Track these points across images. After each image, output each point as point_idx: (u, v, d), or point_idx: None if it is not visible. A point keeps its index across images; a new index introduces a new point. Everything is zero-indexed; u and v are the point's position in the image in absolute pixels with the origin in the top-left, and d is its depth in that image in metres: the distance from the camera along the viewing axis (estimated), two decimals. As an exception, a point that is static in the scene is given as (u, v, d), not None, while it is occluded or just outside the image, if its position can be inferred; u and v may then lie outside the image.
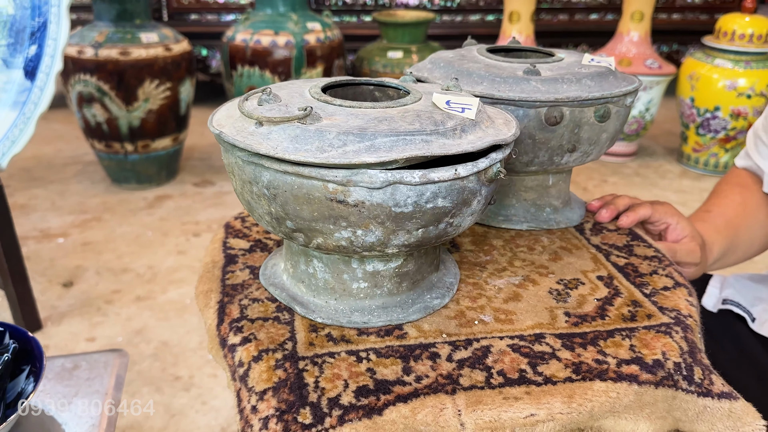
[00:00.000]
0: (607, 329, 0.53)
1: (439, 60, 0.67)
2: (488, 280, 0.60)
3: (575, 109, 0.60)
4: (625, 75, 0.66)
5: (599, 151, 0.66)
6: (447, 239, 0.51)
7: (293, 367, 0.48)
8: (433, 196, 0.45)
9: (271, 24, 2.23)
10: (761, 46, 2.28)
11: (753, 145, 0.80)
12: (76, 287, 1.64)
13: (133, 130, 2.07)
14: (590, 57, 0.67)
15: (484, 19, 3.14)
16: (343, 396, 0.45)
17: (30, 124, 1.36)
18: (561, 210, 0.72)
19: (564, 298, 0.57)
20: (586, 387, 0.46)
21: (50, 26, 1.36)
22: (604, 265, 0.63)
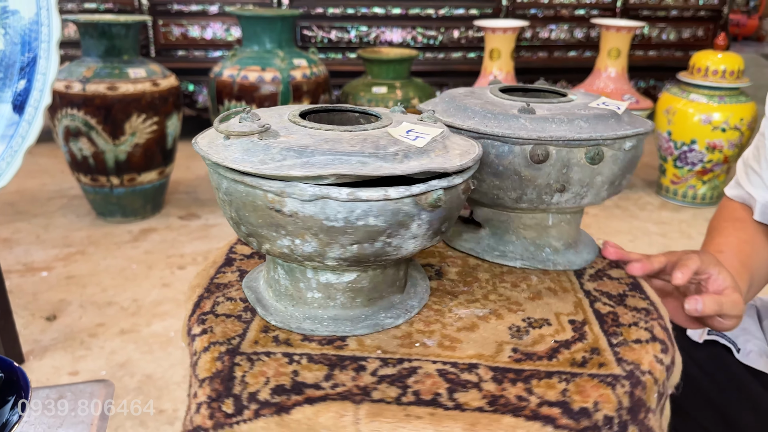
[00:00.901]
0: (547, 370, 0.51)
1: (447, 95, 0.69)
2: (453, 309, 0.59)
3: (562, 149, 0.60)
4: (636, 119, 0.65)
5: (597, 194, 0.64)
6: (390, 259, 0.52)
7: (230, 361, 0.51)
8: (364, 214, 0.47)
9: (258, 60, 2.27)
10: (734, 82, 2.36)
11: (744, 174, 0.82)
12: (59, 321, 1.63)
13: (120, 163, 2.09)
14: (603, 99, 0.66)
15: (465, 56, 3.22)
16: (261, 392, 0.48)
17: (17, 157, 1.37)
18: (563, 251, 0.69)
19: (520, 335, 0.56)
20: (494, 419, 0.45)
21: (40, 61, 1.38)
22: (584, 311, 0.60)
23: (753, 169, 0.80)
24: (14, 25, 1.38)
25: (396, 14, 3.11)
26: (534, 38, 3.27)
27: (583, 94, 0.71)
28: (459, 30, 3.17)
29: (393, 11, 3.10)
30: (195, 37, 3.01)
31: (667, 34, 3.41)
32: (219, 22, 3.00)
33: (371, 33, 3.12)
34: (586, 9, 3.26)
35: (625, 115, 0.64)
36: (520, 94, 0.74)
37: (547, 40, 3.28)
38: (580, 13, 3.26)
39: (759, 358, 0.78)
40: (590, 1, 3.26)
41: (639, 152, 0.65)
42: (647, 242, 2.18)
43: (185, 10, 2.96)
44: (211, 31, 3.01)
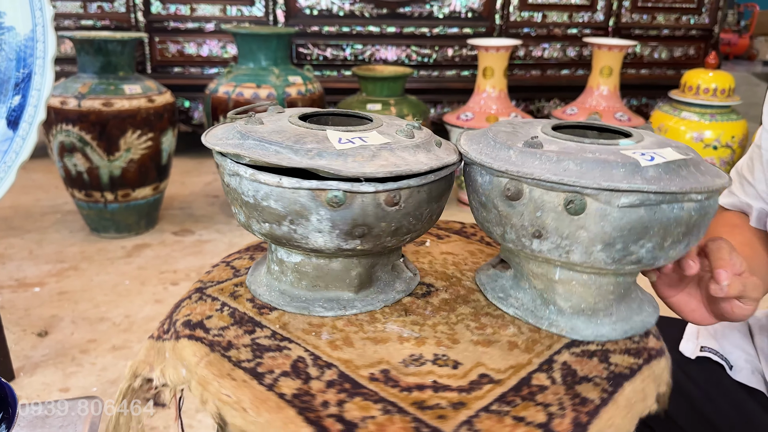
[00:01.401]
0: (382, 396, 0.50)
1: (499, 125, 0.65)
2: (387, 322, 0.61)
3: (535, 189, 0.54)
4: (685, 175, 0.53)
5: (587, 253, 0.55)
6: (299, 247, 0.58)
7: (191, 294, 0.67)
8: (266, 196, 0.55)
9: (254, 77, 2.28)
10: (725, 100, 2.38)
11: (738, 184, 0.82)
12: (51, 337, 1.62)
13: (114, 179, 2.09)
14: (670, 149, 0.55)
15: (459, 74, 3.24)
16: (178, 321, 0.62)
17: (11, 173, 1.37)
18: (569, 315, 0.60)
19: (410, 364, 0.55)
20: (289, 416, 0.49)
21: (35, 77, 1.39)
22: (515, 373, 0.54)
23: (747, 180, 0.81)
24: (9, 41, 1.39)
25: (391, 33, 3.14)
26: (527, 56, 3.30)
27: (651, 135, 0.61)
28: (453, 48, 3.20)
29: (388, 30, 3.13)
30: (191, 54, 3.02)
31: (658, 52, 3.45)
32: (215, 39, 3.02)
33: (366, 51, 3.15)
34: (579, 28, 3.30)
35: (665, 168, 0.52)
36: (572, 130, 0.67)
37: (540, 59, 3.31)
38: (572, 32, 3.30)
39: (751, 375, 0.78)
40: (583, 20, 3.30)
41: (660, 216, 0.52)
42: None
43: (182, 27, 2.98)
44: (207, 48, 3.03)
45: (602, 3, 3.28)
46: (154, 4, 2.94)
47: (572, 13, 3.28)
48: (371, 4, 3.09)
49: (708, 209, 0.55)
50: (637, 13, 3.35)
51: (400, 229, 0.58)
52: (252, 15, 3.00)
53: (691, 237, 0.56)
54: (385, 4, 3.10)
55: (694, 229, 0.55)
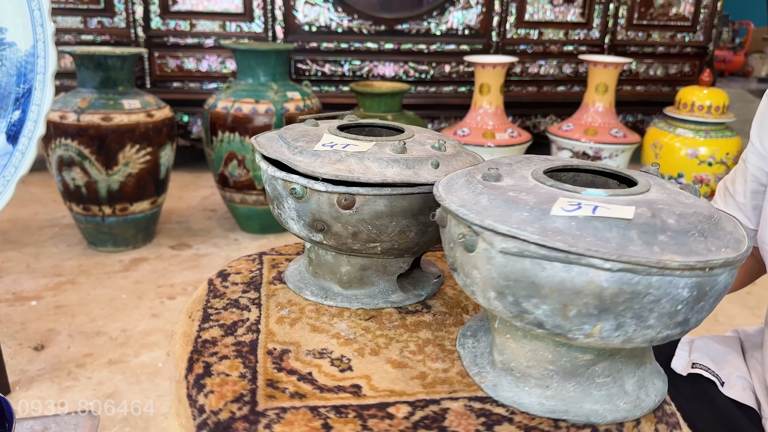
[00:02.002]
0: None
1: (505, 159, 0.61)
2: (345, 320, 0.67)
3: (451, 218, 0.53)
4: (609, 238, 0.43)
5: (483, 296, 0.50)
6: (287, 230, 0.68)
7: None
8: (264, 180, 0.67)
9: (252, 93, 2.30)
10: (719, 117, 2.40)
11: (721, 195, 0.84)
12: (47, 351, 1.62)
13: (112, 193, 2.10)
14: (635, 208, 0.46)
15: (456, 90, 3.27)
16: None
17: (10, 186, 1.38)
18: (500, 371, 0.55)
19: (311, 353, 0.61)
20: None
21: (35, 92, 1.40)
22: (399, 405, 0.53)
23: (729, 191, 0.83)
24: (11, 57, 1.40)
25: (388, 49, 3.16)
26: (524, 73, 3.33)
27: (661, 187, 0.53)
28: (450, 65, 3.22)
29: (386, 46, 3.15)
30: (190, 69, 3.05)
31: (654, 69, 3.48)
32: (214, 55, 3.04)
33: (364, 67, 3.17)
34: (575, 45, 3.33)
35: (582, 223, 0.44)
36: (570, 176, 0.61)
37: (536, 75, 3.34)
38: (568, 49, 3.33)
39: (743, 392, 0.79)
40: (578, 37, 3.33)
41: (551, 275, 0.44)
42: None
43: (181, 42, 3.01)
44: (206, 64, 3.05)
45: (598, 21, 3.32)
46: (154, 19, 2.96)
47: (568, 30, 3.31)
48: (369, 20, 3.12)
49: (643, 289, 0.43)
50: (633, 31, 3.39)
51: (360, 235, 0.62)
52: (251, 31, 3.03)
53: (628, 318, 0.45)
54: (383, 21, 3.13)
55: (622, 308, 0.44)
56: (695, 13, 3.42)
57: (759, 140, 0.79)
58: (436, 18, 3.17)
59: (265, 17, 3.02)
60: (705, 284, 0.44)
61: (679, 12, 3.40)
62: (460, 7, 3.17)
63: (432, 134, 0.72)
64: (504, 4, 3.19)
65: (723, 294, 0.47)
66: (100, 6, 2.92)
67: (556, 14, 3.27)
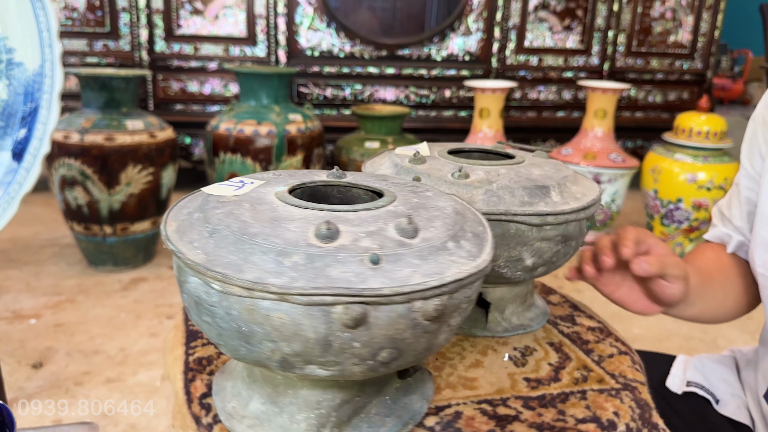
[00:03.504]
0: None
1: None
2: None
3: None
4: None
5: None
6: None
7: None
8: None
9: (255, 115, 2.33)
10: (717, 143, 2.42)
11: (719, 220, 0.85)
12: (45, 368, 1.61)
13: (114, 213, 2.11)
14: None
15: (456, 114, 3.30)
16: None
17: (13, 203, 1.39)
18: None
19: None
20: None
21: (41, 111, 1.42)
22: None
23: (725, 215, 0.84)
24: (18, 77, 1.43)
25: (390, 74, 3.20)
26: (523, 99, 3.36)
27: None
28: (450, 90, 3.26)
29: (387, 71, 3.19)
30: (193, 92, 3.08)
31: (653, 96, 3.52)
32: (217, 78, 3.08)
33: (365, 91, 3.21)
34: (574, 72, 3.37)
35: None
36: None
37: (536, 101, 3.38)
38: (568, 75, 3.37)
39: (738, 410, 0.79)
40: (578, 64, 3.37)
41: None
42: (636, 298, 2.19)
43: (185, 66, 3.05)
44: (209, 87, 3.08)
45: (597, 47, 3.36)
46: (158, 43, 3.01)
47: (567, 57, 3.35)
48: (371, 46, 3.17)
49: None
50: (632, 58, 3.43)
51: None
52: (254, 55, 3.07)
53: None
54: (384, 47, 3.17)
55: None
56: (693, 41, 3.47)
57: (749, 163, 0.80)
58: (437, 44, 3.22)
59: (268, 42, 3.07)
60: None
61: (677, 40, 3.45)
62: (460, 33, 3.22)
63: (542, 160, 0.68)
64: (504, 31, 3.24)
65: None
66: (106, 29, 2.96)
67: (555, 41, 3.31)
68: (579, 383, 0.58)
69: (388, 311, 0.39)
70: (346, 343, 0.39)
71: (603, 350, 0.65)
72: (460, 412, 0.54)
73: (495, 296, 0.66)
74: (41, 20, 1.43)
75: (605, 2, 3.30)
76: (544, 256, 0.60)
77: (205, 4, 2.98)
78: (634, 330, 1.97)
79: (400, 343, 0.41)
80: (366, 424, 0.48)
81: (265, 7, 3.02)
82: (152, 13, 2.96)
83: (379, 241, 0.41)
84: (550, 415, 0.53)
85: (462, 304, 0.43)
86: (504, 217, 0.57)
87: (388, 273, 0.39)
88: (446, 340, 0.45)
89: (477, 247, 0.45)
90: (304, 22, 3.08)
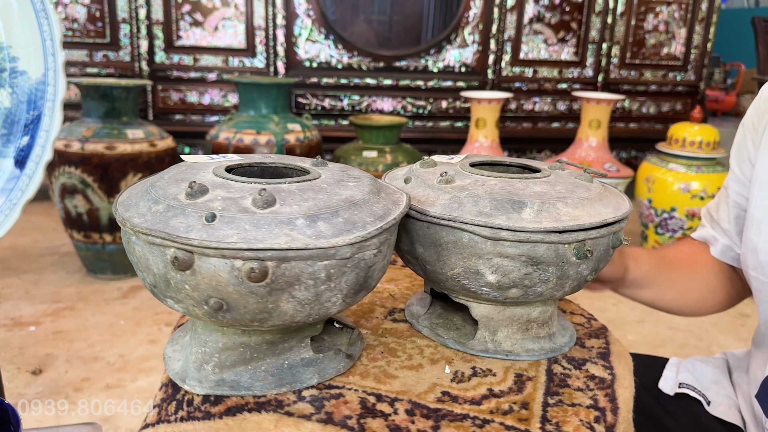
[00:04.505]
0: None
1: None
2: None
3: None
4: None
5: None
6: None
7: None
8: None
9: (254, 124, 2.35)
10: (710, 152, 2.46)
11: (709, 221, 0.87)
12: (45, 375, 1.62)
13: (114, 221, 2.12)
14: None
15: (453, 125, 3.33)
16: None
17: (15, 210, 1.40)
18: None
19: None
20: None
21: (44, 119, 1.43)
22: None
23: (713, 218, 0.86)
24: (21, 85, 1.45)
25: (387, 85, 3.24)
26: (519, 110, 3.40)
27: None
28: (447, 101, 3.30)
29: (384, 82, 3.23)
30: (193, 103, 3.11)
31: (647, 107, 3.56)
32: (217, 88, 3.11)
33: (363, 102, 3.24)
34: (569, 83, 3.41)
35: None
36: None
37: (531, 112, 3.41)
38: (562, 87, 3.41)
39: (729, 411, 0.80)
40: (572, 75, 3.41)
41: None
42: (631, 305, 2.21)
43: (184, 76, 3.07)
44: (208, 97, 3.11)
45: (591, 59, 3.41)
46: (158, 53, 3.04)
47: (562, 69, 3.40)
48: (368, 57, 3.20)
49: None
50: (625, 70, 3.48)
51: None
52: (253, 66, 3.11)
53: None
54: (381, 58, 3.21)
55: None
56: (686, 53, 3.52)
57: (738, 167, 0.81)
58: (434, 56, 3.26)
59: (267, 53, 3.10)
60: None
61: (670, 52, 3.50)
62: (456, 45, 3.26)
63: (565, 173, 0.65)
64: (499, 43, 3.28)
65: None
66: (106, 40, 2.99)
67: (550, 53, 3.36)
68: (495, 414, 0.52)
69: (209, 263, 0.45)
70: (179, 283, 0.46)
71: (573, 398, 0.56)
72: (342, 395, 0.53)
73: (480, 313, 0.61)
74: (44, 29, 1.44)
75: (599, 15, 3.35)
76: (511, 276, 0.55)
77: (204, 15, 3.01)
78: (629, 337, 1.99)
79: (226, 296, 0.46)
80: (248, 375, 0.54)
81: (264, 18, 3.06)
82: (152, 24, 2.99)
83: (227, 205, 0.47)
84: (421, 425, 0.50)
85: (304, 278, 0.47)
86: (452, 224, 0.55)
87: (213, 230, 0.45)
88: (297, 312, 0.49)
89: (335, 232, 0.47)
90: (302, 33, 3.12)
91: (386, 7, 3.78)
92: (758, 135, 0.77)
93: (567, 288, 0.58)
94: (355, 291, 0.52)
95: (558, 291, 0.57)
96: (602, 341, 0.67)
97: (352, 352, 0.60)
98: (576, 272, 0.56)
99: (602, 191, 0.60)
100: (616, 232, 0.58)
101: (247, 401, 0.53)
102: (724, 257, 0.84)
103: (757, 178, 0.76)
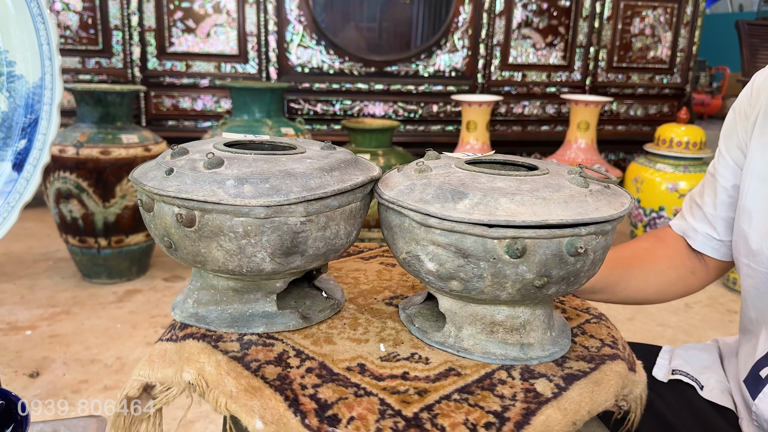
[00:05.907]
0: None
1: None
2: None
3: None
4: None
5: None
6: None
7: None
8: None
9: (247, 128, 2.37)
10: (696, 153, 2.50)
11: (688, 208, 0.88)
12: (42, 377, 1.63)
13: (108, 225, 2.14)
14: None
15: (444, 128, 3.37)
16: None
17: (13, 213, 1.41)
18: None
19: None
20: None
21: (41, 122, 1.45)
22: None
23: (697, 203, 0.87)
24: (19, 89, 1.46)
25: (378, 90, 3.27)
26: (508, 113, 3.44)
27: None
28: (438, 105, 3.33)
29: (376, 87, 3.26)
30: (186, 108, 3.13)
31: (634, 110, 3.61)
32: (209, 94, 3.13)
33: (355, 106, 3.27)
34: (557, 87, 3.46)
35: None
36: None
37: (520, 115, 3.46)
38: (551, 90, 3.45)
39: (721, 395, 0.82)
40: (561, 79, 3.46)
41: None
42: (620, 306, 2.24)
43: (177, 82, 3.09)
44: (201, 103, 3.13)
45: (579, 63, 3.46)
46: (150, 60, 3.05)
47: (550, 72, 3.44)
48: (360, 63, 3.23)
49: None
50: (613, 73, 3.53)
51: None
52: (246, 72, 3.13)
53: None
54: (373, 63, 3.24)
55: None
56: (672, 57, 3.57)
57: (727, 152, 0.82)
58: (424, 60, 3.29)
59: (259, 59, 3.13)
60: None
61: (656, 55, 3.55)
62: (446, 50, 3.30)
63: (560, 169, 0.63)
64: (489, 48, 3.32)
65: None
66: (99, 47, 3.01)
67: (538, 57, 3.40)
68: (384, 391, 0.52)
69: (160, 207, 0.56)
70: (149, 222, 0.59)
71: (481, 399, 0.52)
72: (272, 345, 0.59)
73: (444, 306, 0.60)
74: (41, 34, 1.46)
75: (586, 19, 3.41)
76: (447, 266, 0.54)
77: (197, 22, 3.04)
78: (620, 334, 2.01)
79: (171, 236, 0.57)
80: (216, 314, 0.63)
81: (256, 25, 3.08)
82: (144, 31, 3.01)
83: (185, 163, 0.57)
84: (308, 381, 0.53)
85: (225, 230, 0.54)
86: (394, 207, 0.56)
87: (165, 181, 0.55)
88: (228, 260, 0.56)
89: (255, 194, 0.53)
90: (294, 39, 3.14)
91: (375, 14, 3.82)
92: (750, 124, 0.78)
93: (510, 289, 0.54)
94: (284, 252, 0.57)
95: (500, 291, 0.54)
96: (591, 365, 0.59)
97: (310, 315, 0.64)
98: (515, 273, 0.52)
99: (583, 196, 0.54)
100: (569, 238, 0.52)
101: (201, 332, 0.61)
102: (704, 248, 0.86)
103: (748, 168, 0.77)
